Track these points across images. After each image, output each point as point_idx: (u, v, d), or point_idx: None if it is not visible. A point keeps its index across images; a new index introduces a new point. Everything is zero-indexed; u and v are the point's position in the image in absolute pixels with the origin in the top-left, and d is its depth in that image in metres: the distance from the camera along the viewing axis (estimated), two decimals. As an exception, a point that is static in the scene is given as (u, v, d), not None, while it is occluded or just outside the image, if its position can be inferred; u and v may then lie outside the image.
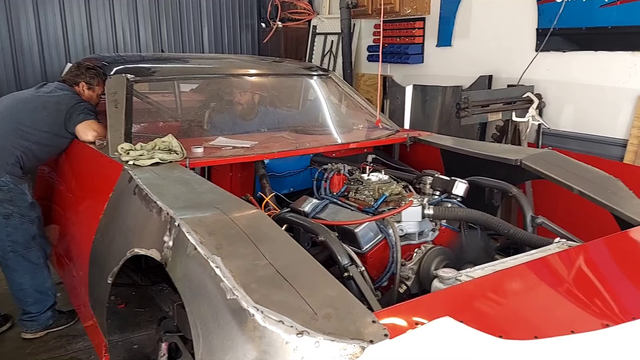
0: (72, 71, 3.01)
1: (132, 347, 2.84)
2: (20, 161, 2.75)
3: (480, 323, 1.27)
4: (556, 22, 3.73)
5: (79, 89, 2.95)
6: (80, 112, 2.76)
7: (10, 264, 2.79)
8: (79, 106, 2.80)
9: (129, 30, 6.21)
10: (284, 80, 3.54)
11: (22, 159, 2.75)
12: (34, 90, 2.95)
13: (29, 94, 2.91)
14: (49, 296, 2.92)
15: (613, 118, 3.56)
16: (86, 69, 2.98)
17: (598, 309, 1.47)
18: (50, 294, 2.92)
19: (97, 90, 3.00)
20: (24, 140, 2.74)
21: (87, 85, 2.96)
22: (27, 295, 2.86)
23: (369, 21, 5.57)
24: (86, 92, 2.96)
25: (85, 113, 2.77)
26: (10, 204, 2.72)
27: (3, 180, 2.70)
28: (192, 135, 2.93)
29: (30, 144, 2.75)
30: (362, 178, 2.28)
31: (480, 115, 3.68)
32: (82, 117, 2.74)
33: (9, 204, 2.71)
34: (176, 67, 3.21)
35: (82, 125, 2.72)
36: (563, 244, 1.77)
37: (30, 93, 2.92)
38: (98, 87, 2.99)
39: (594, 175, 2.32)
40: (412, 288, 1.94)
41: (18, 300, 2.90)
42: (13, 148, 2.73)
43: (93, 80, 2.97)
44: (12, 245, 2.75)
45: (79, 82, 2.95)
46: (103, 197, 2.17)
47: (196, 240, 1.44)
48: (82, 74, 2.96)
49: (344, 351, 1.10)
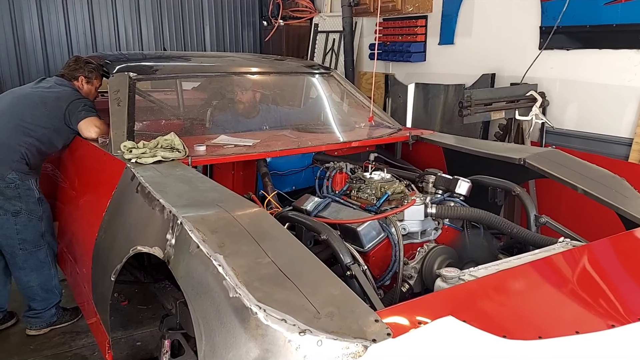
0: (71, 65, 2.99)
1: (135, 344, 2.85)
2: (26, 157, 2.75)
3: (483, 323, 1.27)
4: (560, 20, 3.71)
5: (78, 83, 2.95)
6: (82, 109, 2.75)
7: (19, 262, 2.79)
8: (79, 102, 2.79)
9: (132, 28, 6.22)
10: (285, 79, 3.54)
11: (27, 156, 2.75)
12: (33, 85, 2.94)
13: (28, 89, 2.91)
14: (55, 294, 2.93)
15: (618, 117, 3.54)
16: (85, 63, 2.98)
17: (603, 310, 1.46)
18: (56, 292, 2.93)
19: (96, 84, 3.00)
20: (26, 136, 2.74)
21: (86, 80, 2.95)
22: (33, 293, 2.87)
23: (371, 19, 5.55)
24: (85, 86, 2.96)
25: (86, 110, 2.76)
26: (19, 200, 2.72)
27: (10, 177, 2.69)
28: (194, 133, 2.93)
29: (34, 140, 2.75)
30: (364, 176, 2.27)
31: (483, 113, 3.66)
32: (84, 114, 2.74)
33: (17, 200, 2.72)
34: (178, 65, 3.21)
35: (84, 122, 2.72)
36: (567, 244, 1.76)
37: (30, 89, 2.91)
38: (96, 80, 2.99)
39: (599, 174, 2.30)
40: (415, 287, 1.94)
41: (24, 297, 2.91)
42: (17, 145, 2.73)
43: (91, 74, 2.96)
44: (22, 243, 2.76)
45: (77, 76, 2.95)
46: (106, 195, 2.17)
47: (199, 239, 1.44)
48: (81, 68, 2.96)
49: (347, 350, 1.09)
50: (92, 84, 2.99)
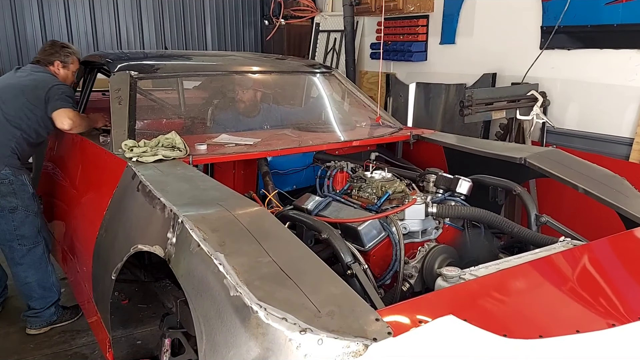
0: (46, 50, 2.96)
1: (136, 343, 2.85)
2: (16, 152, 2.74)
3: (484, 322, 1.27)
4: (561, 19, 3.71)
5: (54, 68, 2.92)
6: (58, 98, 2.71)
7: (16, 257, 2.79)
8: (56, 89, 2.74)
9: (133, 27, 6.22)
10: (287, 78, 3.53)
11: (17, 150, 2.74)
12: (10, 75, 2.90)
13: (5, 82, 2.86)
14: (53, 292, 2.93)
15: (618, 116, 3.53)
16: (61, 47, 2.95)
17: (603, 309, 1.46)
18: (54, 290, 2.93)
19: (72, 68, 2.97)
20: (14, 129, 2.72)
21: (62, 64, 2.92)
22: (31, 290, 2.87)
23: (372, 18, 5.55)
24: (61, 71, 2.93)
25: (62, 99, 2.72)
26: (14, 196, 2.71)
27: (3, 173, 2.68)
28: (195, 132, 2.93)
29: (21, 133, 2.73)
30: (365, 176, 2.27)
31: (484, 113, 3.66)
32: (60, 103, 2.70)
33: (13, 197, 2.71)
34: (179, 64, 3.21)
35: (58, 113, 2.68)
36: (568, 243, 1.76)
37: (7, 79, 2.87)
38: (73, 65, 2.97)
39: (599, 173, 2.30)
40: (416, 286, 1.94)
41: (22, 295, 2.91)
42: (7, 140, 2.71)
43: (68, 58, 2.93)
44: (20, 239, 2.75)
45: (53, 61, 2.92)
46: (107, 194, 2.17)
47: (199, 237, 1.44)
48: (57, 52, 2.92)
49: (347, 349, 1.09)
50: (68, 69, 2.95)
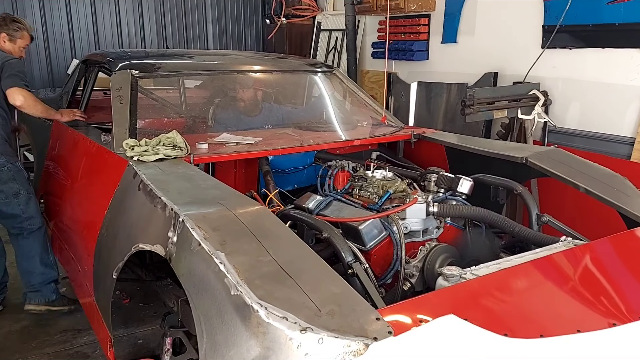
0: None
1: (137, 342, 2.86)
2: (5, 137, 2.82)
3: (485, 321, 1.27)
4: (562, 18, 3.70)
5: None
6: (14, 75, 2.77)
7: (24, 232, 2.90)
8: (10, 66, 2.79)
9: (134, 26, 6.22)
10: (288, 77, 3.53)
11: (3, 136, 2.81)
12: None
13: None
14: (53, 270, 3.03)
15: (620, 116, 3.53)
16: (11, 21, 2.98)
17: (604, 308, 1.46)
18: (53, 267, 3.04)
19: (20, 43, 3.00)
20: None
21: (8, 37, 2.95)
22: (34, 266, 2.96)
23: (374, 17, 5.55)
24: (7, 44, 2.96)
25: (19, 77, 2.78)
26: (15, 182, 2.81)
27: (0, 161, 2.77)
28: (196, 131, 2.93)
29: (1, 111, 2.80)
30: (366, 175, 2.27)
31: (485, 112, 3.66)
32: (16, 81, 2.76)
33: (14, 182, 2.81)
34: (181, 63, 3.21)
35: (13, 90, 2.74)
36: (569, 243, 1.76)
37: None
38: (21, 40, 2.99)
39: (601, 173, 2.30)
40: (417, 285, 1.94)
41: (24, 273, 2.99)
42: None
43: (17, 33, 2.96)
44: (29, 220, 2.87)
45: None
46: (108, 193, 2.17)
47: (200, 236, 1.44)
48: (6, 25, 2.95)
49: (348, 348, 1.09)
50: (15, 43, 2.98)
